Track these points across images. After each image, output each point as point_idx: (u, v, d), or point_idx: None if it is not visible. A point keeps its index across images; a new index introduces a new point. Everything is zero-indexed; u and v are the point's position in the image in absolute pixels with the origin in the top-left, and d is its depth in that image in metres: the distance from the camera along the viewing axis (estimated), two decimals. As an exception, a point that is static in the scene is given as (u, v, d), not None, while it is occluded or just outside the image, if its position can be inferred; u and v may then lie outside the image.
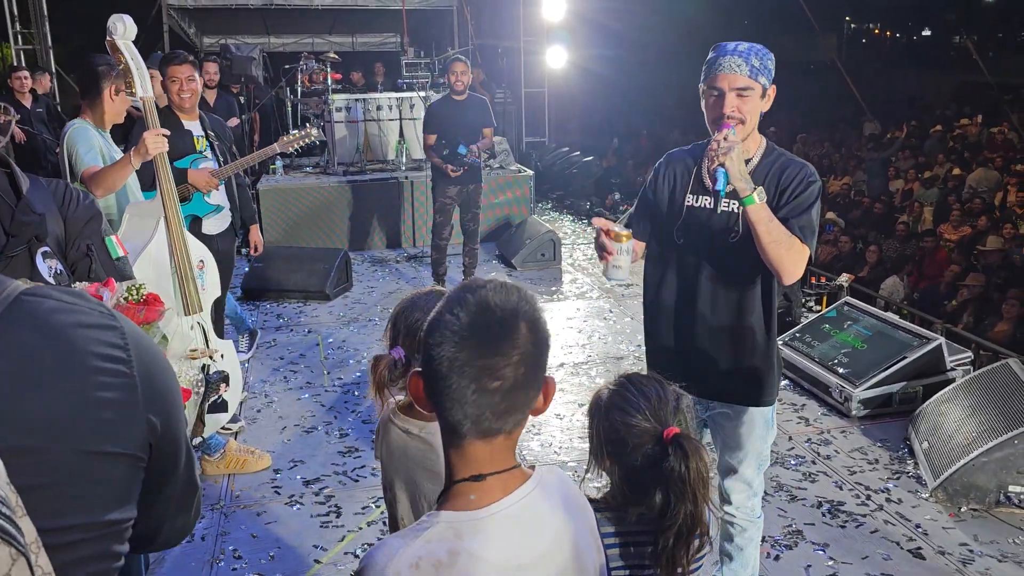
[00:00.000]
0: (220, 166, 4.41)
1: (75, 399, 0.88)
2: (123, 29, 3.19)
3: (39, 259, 1.93)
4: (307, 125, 4.92)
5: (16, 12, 11.05)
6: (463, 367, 1.12)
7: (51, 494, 0.84)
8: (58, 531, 0.83)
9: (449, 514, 1.15)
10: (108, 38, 3.23)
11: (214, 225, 4.48)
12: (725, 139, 2.33)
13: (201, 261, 3.50)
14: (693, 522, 1.64)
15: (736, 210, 2.47)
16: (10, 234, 1.90)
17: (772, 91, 2.45)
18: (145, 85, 3.30)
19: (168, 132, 3.41)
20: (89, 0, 16.41)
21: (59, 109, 9.54)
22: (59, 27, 11.54)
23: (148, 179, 3.64)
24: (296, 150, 4.82)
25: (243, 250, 6.03)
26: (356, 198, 8.62)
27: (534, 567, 1.17)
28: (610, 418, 1.73)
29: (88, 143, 3.62)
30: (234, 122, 7.52)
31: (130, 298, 1.46)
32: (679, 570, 1.68)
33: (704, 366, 2.57)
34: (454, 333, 1.13)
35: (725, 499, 2.71)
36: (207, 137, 4.39)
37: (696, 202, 2.57)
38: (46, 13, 11.13)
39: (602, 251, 2.39)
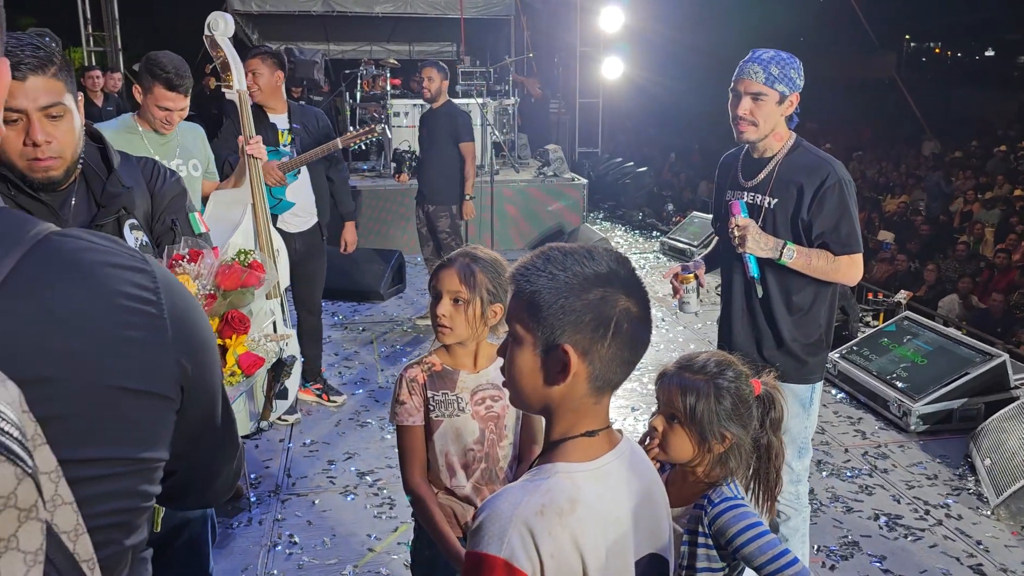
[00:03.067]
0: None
1: (98, 334, 0.88)
2: (224, 26, 3.39)
3: (127, 230, 2.02)
4: (370, 122, 4.99)
5: (89, 15, 11.46)
6: (632, 317, 1.18)
7: (70, 426, 0.84)
8: (78, 463, 0.84)
9: (566, 465, 1.18)
10: (207, 33, 3.39)
11: (291, 223, 4.42)
12: (737, 227, 2.63)
13: (277, 250, 3.63)
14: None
15: (760, 203, 2.71)
16: (100, 204, 2.01)
17: (795, 98, 2.62)
18: (240, 79, 3.47)
19: (260, 137, 3.53)
20: (156, 9, 16.98)
21: (129, 107, 9.83)
22: (125, 36, 11.95)
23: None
24: (359, 146, 4.85)
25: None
26: (411, 201, 8.70)
27: (626, 520, 1.21)
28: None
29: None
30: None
31: (236, 260, 1.51)
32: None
33: (745, 346, 2.81)
34: (622, 286, 1.18)
35: None
36: (291, 131, 4.36)
37: (732, 199, 2.79)
38: (117, 17, 11.54)
39: (675, 292, 2.88)
